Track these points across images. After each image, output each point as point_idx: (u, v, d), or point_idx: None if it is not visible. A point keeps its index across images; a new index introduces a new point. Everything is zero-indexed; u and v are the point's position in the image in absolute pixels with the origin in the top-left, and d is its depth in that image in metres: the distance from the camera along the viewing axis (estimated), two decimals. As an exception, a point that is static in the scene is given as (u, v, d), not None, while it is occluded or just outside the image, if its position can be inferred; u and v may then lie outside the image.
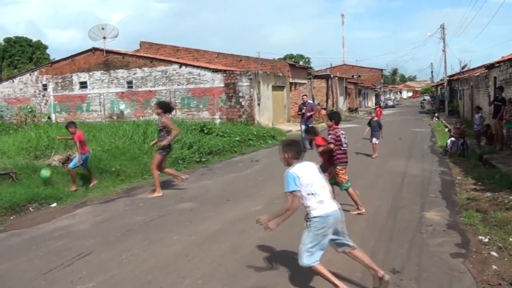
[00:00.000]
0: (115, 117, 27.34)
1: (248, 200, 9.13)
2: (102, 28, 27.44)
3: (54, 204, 9.37)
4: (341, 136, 8.02)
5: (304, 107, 17.15)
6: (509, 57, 17.44)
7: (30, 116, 26.45)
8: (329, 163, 8.09)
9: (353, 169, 12.47)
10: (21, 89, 30.90)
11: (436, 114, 37.24)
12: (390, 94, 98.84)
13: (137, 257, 6.13)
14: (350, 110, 48.99)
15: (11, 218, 8.49)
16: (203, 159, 14.47)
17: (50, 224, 7.99)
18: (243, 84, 24.81)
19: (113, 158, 12.64)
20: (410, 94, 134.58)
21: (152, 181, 10.32)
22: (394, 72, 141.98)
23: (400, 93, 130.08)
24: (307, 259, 4.51)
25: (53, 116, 29.45)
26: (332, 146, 7.94)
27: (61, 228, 7.69)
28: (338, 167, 8.01)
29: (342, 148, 8.04)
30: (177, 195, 9.89)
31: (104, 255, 6.26)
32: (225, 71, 25.66)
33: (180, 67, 26.13)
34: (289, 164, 4.72)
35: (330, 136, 7.97)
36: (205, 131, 18.18)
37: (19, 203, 8.94)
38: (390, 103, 73.51)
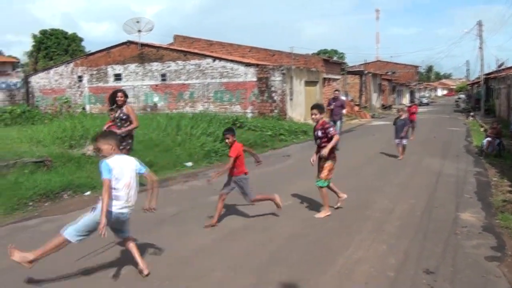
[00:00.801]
0: (148, 109, 27.67)
1: (278, 194, 9.09)
2: (137, 22, 27.78)
3: (88, 193, 9.55)
4: None
5: (334, 103, 16.43)
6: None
7: (65, 107, 27.05)
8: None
9: (387, 167, 12.42)
10: (56, 80, 31.55)
11: (472, 113, 36.42)
12: (424, 91, 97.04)
13: (169, 247, 6.18)
14: (384, 107, 48.33)
15: (46, 204, 8.68)
16: (235, 153, 14.48)
17: (84, 212, 8.09)
18: (276, 78, 24.73)
19: (146, 150, 12.80)
20: (445, 92, 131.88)
21: (185, 173, 10.37)
22: (429, 69, 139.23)
23: (435, 90, 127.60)
24: (71, 236, 4.83)
25: (87, 107, 30.02)
26: (338, 137, 7.81)
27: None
28: (331, 162, 7.62)
29: None
30: (210, 187, 9.93)
31: (137, 244, 6.32)
32: (258, 65, 25.64)
33: (214, 60, 26.23)
34: (109, 154, 4.93)
35: (331, 129, 7.62)
36: (237, 124, 18.24)
37: (53, 191, 9.13)
38: (424, 100, 72.45)
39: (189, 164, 12.38)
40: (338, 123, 16.11)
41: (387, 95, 54.04)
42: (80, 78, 30.62)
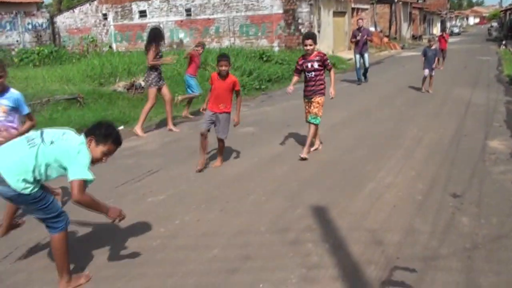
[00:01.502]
0: (174, 46, 27.58)
1: (307, 126, 9.25)
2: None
3: (122, 127, 9.85)
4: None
5: (359, 34, 15.13)
6: None
7: (91, 46, 27.16)
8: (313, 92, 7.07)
9: (418, 97, 12.38)
10: (81, 19, 31.48)
11: (504, 42, 35.12)
12: (456, 20, 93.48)
13: (203, 175, 6.49)
14: (414, 37, 46.96)
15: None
16: (263, 86, 14.60)
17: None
18: (303, 10, 24.17)
19: (175, 84, 12.97)
20: (477, 20, 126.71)
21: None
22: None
23: (467, 19, 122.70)
24: None
25: (114, 46, 30.08)
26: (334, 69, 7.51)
27: (130, 148, 8.10)
28: (324, 97, 7.12)
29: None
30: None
31: (172, 172, 6.66)
32: (284, -4, 25.06)
33: (239, -7, 25.73)
34: None
35: (328, 61, 7.07)
36: (264, 58, 18.15)
37: (87, 126, 9.45)
38: (455, 30, 69.94)
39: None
40: (366, 55, 15.31)
41: (417, 25, 52.35)
42: (105, 16, 30.48)
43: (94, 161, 3.54)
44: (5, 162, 3.35)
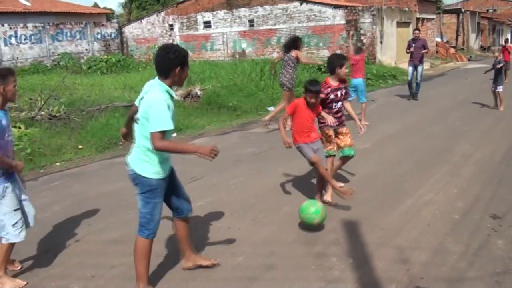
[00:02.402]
0: (237, 56, 28.05)
1: (356, 138, 9.11)
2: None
3: (174, 134, 10.19)
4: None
5: (414, 45, 14.10)
6: None
7: (158, 55, 28.17)
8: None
9: (475, 112, 11.86)
10: (148, 30, 32.64)
11: None
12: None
13: (243, 183, 6.64)
14: (483, 48, 45.02)
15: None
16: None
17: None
18: (365, 20, 23.93)
19: (230, 94, 13.26)
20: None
21: (263, 117, 10.73)
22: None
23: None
24: None
25: (179, 55, 30.96)
26: None
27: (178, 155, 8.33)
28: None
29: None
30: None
31: (214, 180, 6.86)
32: (346, 7, 24.89)
33: (301, 4, 25.80)
34: None
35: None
36: (322, 69, 18.09)
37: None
38: (528, 40, 66.34)
39: (271, 108, 12.64)
40: (419, 68, 14.17)
41: (486, 35, 50.21)
42: (171, 27, 31.48)
43: None
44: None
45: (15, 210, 3.93)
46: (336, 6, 24.92)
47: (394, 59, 25.72)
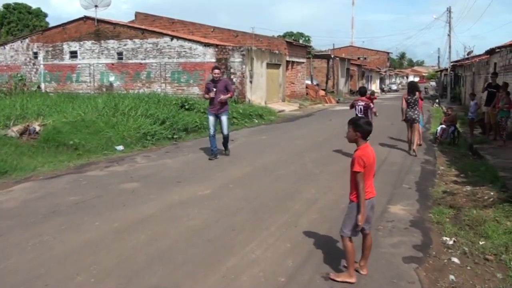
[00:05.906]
0: (104, 89, 26.51)
1: (200, 182, 8.29)
2: (94, -5, 26.48)
3: (-6, 178, 8.62)
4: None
5: (214, 89, 10.47)
6: (510, 42, 16.41)
7: (20, 85, 25.78)
8: None
9: (332, 154, 11.69)
10: (12, 56, 30.12)
11: (437, 100, 36.11)
12: (395, 78, 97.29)
13: (44, 244, 5.34)
14: (352, 92, 47.83)
15: None
16: (175, 136, 13.65)
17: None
18: (235, 60, 23.87)
19: (75, 131, 11.84)
20: (417, 79, 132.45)
21: (112, 157, 9.54)
22: (402, 56, 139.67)
23: (407, 77, 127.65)
24: None
25: (42, 85, 28.72)
26: None
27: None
28: None
29: None
30: (128, 174, 9.10)
31: (12, 240, 5.50)
32: (217, 45, 24.71)
33: (172, 39, 25.19)
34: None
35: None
36: (186, 106, 17.32)
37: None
38: (394, 87, 73.56)
39: (120, 147, 11.48)
40: (224, 118, 10.80)
41: (355, 81, 53.60)
42: (35, 55, 29.27)
43: None
44: None
45: None
46: (206, 44, 24.67)
47: (264, 98, 25.90)
